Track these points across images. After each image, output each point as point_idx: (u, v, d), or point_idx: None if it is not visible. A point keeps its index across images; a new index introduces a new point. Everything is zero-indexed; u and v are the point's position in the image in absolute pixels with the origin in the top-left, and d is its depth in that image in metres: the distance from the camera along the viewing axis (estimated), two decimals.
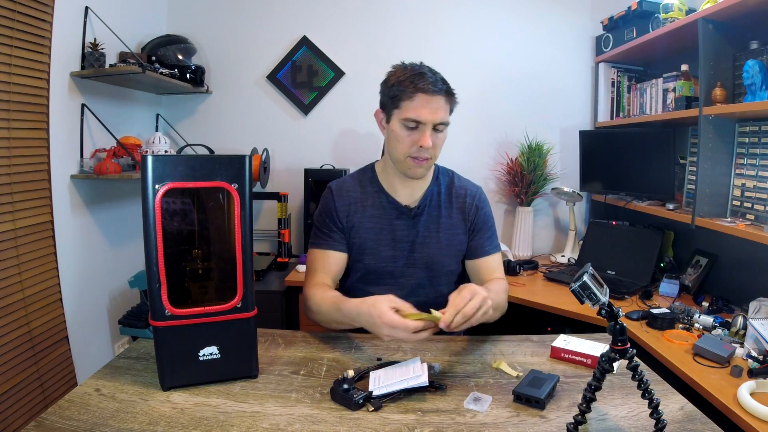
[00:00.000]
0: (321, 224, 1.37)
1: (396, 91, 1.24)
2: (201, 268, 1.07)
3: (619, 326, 0.78)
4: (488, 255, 1.38)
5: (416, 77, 1.22)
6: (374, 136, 2.67)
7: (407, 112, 1.22)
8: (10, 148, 1.72)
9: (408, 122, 1.23)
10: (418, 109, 1.21)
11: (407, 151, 1.25)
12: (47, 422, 0.86)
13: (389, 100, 1.26)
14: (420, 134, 1.23)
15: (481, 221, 1.39)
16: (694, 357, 1.40)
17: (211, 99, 2.82)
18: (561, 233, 2.82)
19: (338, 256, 1.35)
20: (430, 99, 1.21)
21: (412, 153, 1.25)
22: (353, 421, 0.89)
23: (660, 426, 0.78)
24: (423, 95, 1.21)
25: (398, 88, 1.23)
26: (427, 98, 1.21)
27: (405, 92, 1.22)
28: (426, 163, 1.28)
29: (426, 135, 1.22)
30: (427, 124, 1.22)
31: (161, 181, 0.92)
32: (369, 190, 1.38)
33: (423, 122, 1.22)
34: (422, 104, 1.21)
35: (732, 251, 1.88)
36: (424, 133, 1.22)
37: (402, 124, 1.24)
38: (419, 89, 1.21)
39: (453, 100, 1.28)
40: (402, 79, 1.23)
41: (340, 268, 1.36)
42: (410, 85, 1.21)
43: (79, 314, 2.05)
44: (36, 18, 1.79)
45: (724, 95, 1.70)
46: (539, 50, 2.70)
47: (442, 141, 1.29)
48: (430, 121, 1.22)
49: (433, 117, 1.22)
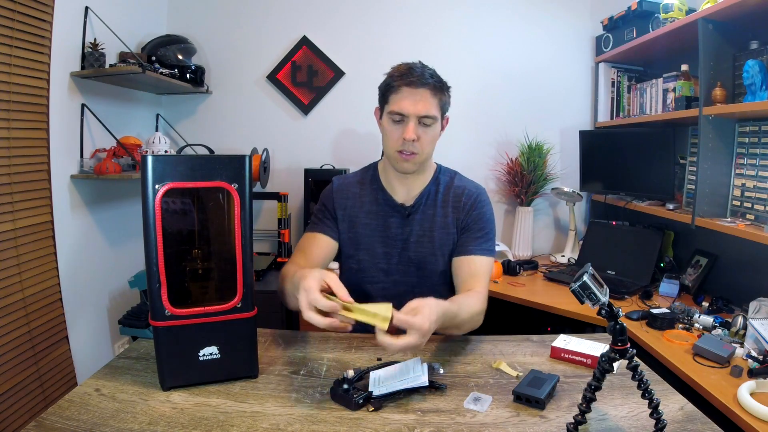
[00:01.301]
0: (317, 211, 1.40)
1: (385, 87, 1.27)
2: (201, 268, 1.07)
3: (619, 326, 0.78)
4: (471, 255, 1.30)
5: (404, 71, 1.24)
6: (374, 136, 2.66)
7: (392, 106, 1.25)
8: (10, 148, 1.72)
9: (393, 115, 1.25)
10: (401, 101, 1.23)
11: (395, 145, 1.26)
12: (47, 422, 0.86)
13: (381, 96, 1.30)
14: (404, 127, 1.24)
15: (472, 221, 1.34)
16: (694, 357, 1.40)
17: (211, 99, 2.82)
18: (561, 233, 2.82)
19: (325, 239, 1.34)
20: (413, 91, 1.22)
21: (399, 147, 1.26)
22: (353, 421, 0.89)
23: (660, 426, 0.78)
24: (407, 88, 1.23)
25: (387, 82, 1.27)
26: (411, 91, 1.22)
27: (392, 86, 1.25)
28: (413, 158, 1.27)
29: (408, 127, 1.23)
30: (410, 116, 1.23)
31: (161, 181, 0.92)
32: (368, 188, 1.39)
33: (405, 114, 1.23)
34: (405, 96, 1.23)
35: (732, 251, 1.88)
36: (407, 126, 1.23)
37: (389, 117, 1.26)
38: (404, 82, 1.23)
39: (443, 95, 1.28)
40: (392, 74, 1.27)
41: (325, 251, 1.35)
42: (398, 79, 1.24)
43: (79, 314, 2.05)
44: (36, 18, 1.78)
45: (724, 95, 1.70)
46: (539, 50, 2.70)
47: (431, 137, 1.28)
48: (413, 113, 1.22)
49: (415, 109, 1.22)
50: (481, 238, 1.33)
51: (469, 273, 1.29)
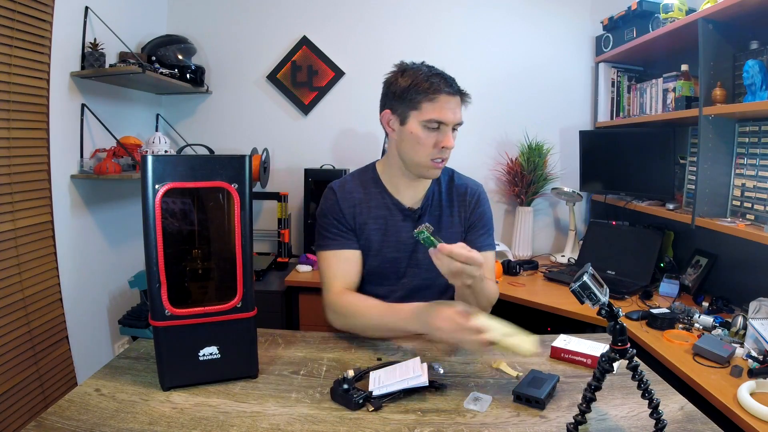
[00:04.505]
0: (328, 225, 1.33)
1: (414, 93, 1.21)
2: (201, 268, 1.07)
3: (619, 326, 0.78)
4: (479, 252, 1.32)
5: (435, 78, 1.21)
6: (374, 136, 2.67)
7: (429, 114, 1.21)
8: (10, 148, 1.72)
9: (431, 123, 1.22)
10: (441, 110, 1.21)
11: (430, 153, 1.24)
12: (47, 422, 0.86)
13: (405, 102, 1.23)
14: (443, 135, 1.23)
15: (477, 218, 1.38)
16: (694, 357, 1.40)
17: (211, 99, 2.82)
18: (561, 233, 2.82)
19: (352, 254, 1.32)
20: (449, 99, 1.22)
21: (434, 155, 1.25)
22: (353, 421, 0.89)
23: (660, 426, 0.78)
24: (444, 96, 1.21)
25: (417, 89, 1.21)
26: (448, 99, 1.21)
27: (425, 94, 1.20)
28: (443, 165, 1.29)
29: (448, 135, 1.23)
30: (450, 124, 1.23)
31: (161, 181, 0.92)
32: (372, 191, 1.37)
33: (446, 123, 1.22)
34: (444, 105, 1.21)
35: (732, 251, 1.87)
36: (446, 134, 1.23)
37: (423, 125, 1.22)
38: (440, 90, 1.20)
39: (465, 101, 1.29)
40: (419, 81, 1.21)
41: (357, 265, 1.33)
42: (431, 86, 1.20)
43: (79, 314, 2.05)
44: (36, 18, 1.79)
45: (724, 95, 1.70)
46: (539, 50, 2.70)
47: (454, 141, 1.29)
48: (452, 121, 1.22)
49: (455, 117, 1.23)
50: (484, 234, 1.38)
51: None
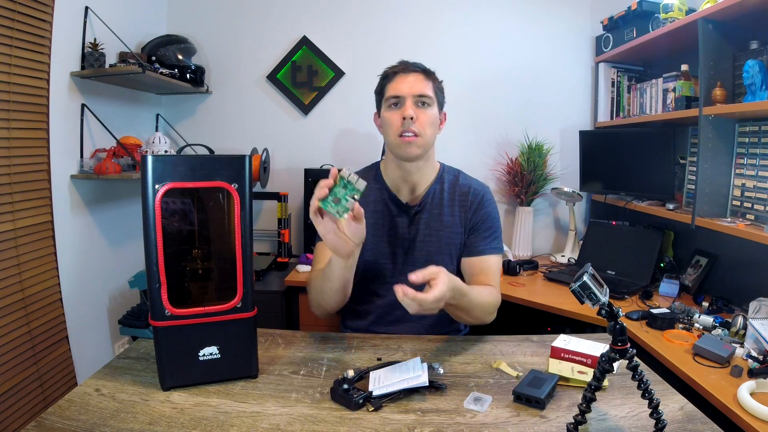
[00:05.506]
0: None
1: (380, 84, 1.35)
2: (201, 268, 1.07)
3: (619, 326, 0.78)
4: (481, 255, 1.33)
5: (396, 65, 1.34)
6: (374, 136, 2.67)
7: (388, 93, 1.31)
8: (10, 148, 1.72)
9: (390, 100, 1.30)
10: (396, 85, 1.30)
11: (396, 130, 1.28)
12: (47, 422, 0.86)
13: (378, 94, 1.36)
14: (402, 109, 1.28)
15: (479, 219, 1.36)
16: (694, 357, 1.40)
17: (211, 99, 2.82)
18: (561, 233, 2.82)
19: None
20: (406, 76, 1.30)
21: (399, 130, 1.28)
22: (353, 421, 0.89)
23: (660, 426, 0.78)
24: (400, 74, 1.31)
25: (382, 80, 1.35)
26: (404, 76, 1.30)
27: (387, 79, 1.32)
28: (415, 141, 1.27)
29: (406, 106, 1.27)
30: (407, 96, 1.28)
31: (161, 181, 0.92)
32: (372, 187, 1.38)
33: (402, 95, 1.28)
34: (400, 81, 1.30)
35: (732, 251, 1.87)
36: (404, 105, 1.28)
37: (386, 105, 1.31)
38: (396, 72, 1.31)
39: (435, 81, 1.34)
40: (384, 73, 1.35)
41: None
42: (390, 72, 1.33)
43: (79, 314, 2.05)
44: (36, 18, 1.79)
45: (724, 95, 1.70)
46: (539, 50, 2.70)
47: (429, 118, 1.29)
48: (408, 93, 1.28)
49: (410, 89, 1.28)
50: (489, 237, 1.35)
51: (481, 271, 1.32)
